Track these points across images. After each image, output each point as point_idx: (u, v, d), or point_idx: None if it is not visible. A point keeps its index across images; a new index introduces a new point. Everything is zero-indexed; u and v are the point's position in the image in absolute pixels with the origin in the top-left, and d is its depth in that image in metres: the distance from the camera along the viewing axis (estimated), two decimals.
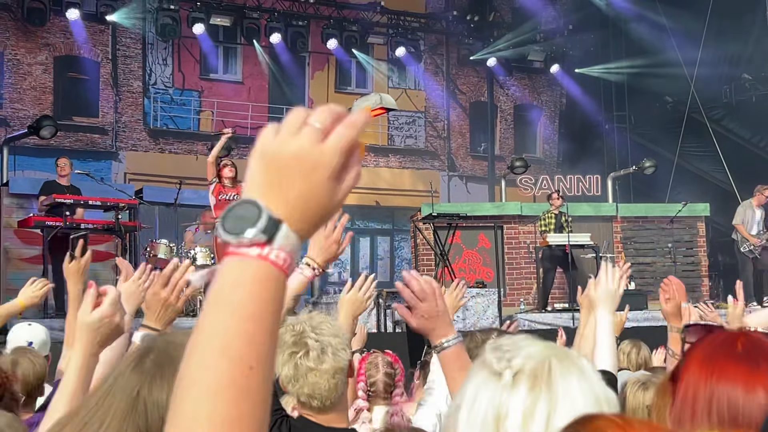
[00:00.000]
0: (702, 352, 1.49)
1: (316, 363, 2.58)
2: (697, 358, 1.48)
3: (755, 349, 1.45)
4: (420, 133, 22.03)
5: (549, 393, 1.26)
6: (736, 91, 18.06)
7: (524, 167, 17.05)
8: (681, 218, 15.18)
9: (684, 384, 1.47)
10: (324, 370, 2.58)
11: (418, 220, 14.39)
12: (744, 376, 1.42)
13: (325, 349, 2.59)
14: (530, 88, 22.77)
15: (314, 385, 2.59)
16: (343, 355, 2.62)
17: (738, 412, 1.41)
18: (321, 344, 2.60)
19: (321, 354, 2.59)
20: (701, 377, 1.44)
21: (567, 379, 1.28)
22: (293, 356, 2.60)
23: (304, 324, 2.64)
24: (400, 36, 20.39)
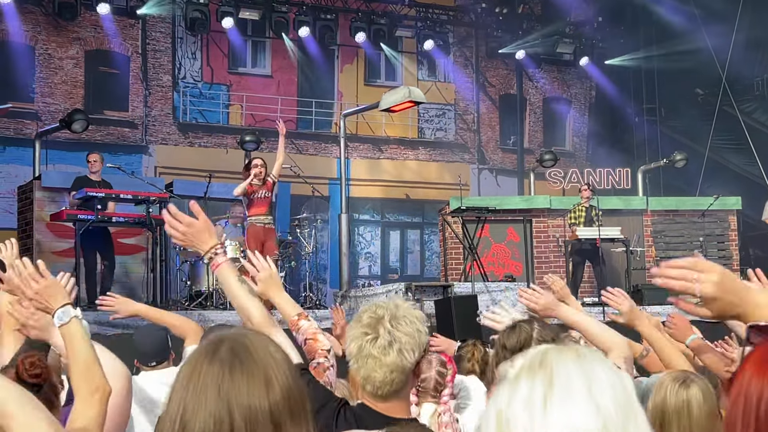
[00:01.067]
0: (758, 356, 1.47)
1: (379, 353, 2.59)
2: (753, 362, 1.46)
3: None
4: (450, 126, 22.00)
5: (544, 375, 1.33)
6: (767, 83, 17.87)
7: (553, 160, 16.98)
8: (712, 212, 15.04)
9: (737, 386, 1.45)
10: (384, 363, 2.58)
11: (446, 213, 14.39)
12: None
13: (393, 344, 2.58)
14: (559, 80, 22.65)
15: (371, 372, 2.60)
16: (408, 357, 2.59)
17: None
18: (391, 337, 2.58)
19: (387, 347, 2.58)
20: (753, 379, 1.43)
21: (562, 362, 1.35)
22: (362, 336, 2.61)
23: (386, 310, 2.63)
24: (429, 29, 20.34)
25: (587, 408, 1.30)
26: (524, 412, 1.32)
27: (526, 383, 1.34)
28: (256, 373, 1.56)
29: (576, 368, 1.35)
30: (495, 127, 22.37)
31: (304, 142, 20.42)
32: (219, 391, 1.53)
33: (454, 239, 14.34)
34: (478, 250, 13.40)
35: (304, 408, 1.60)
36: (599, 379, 1.34)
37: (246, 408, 1.53)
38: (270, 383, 1.55)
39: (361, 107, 17.45)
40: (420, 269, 21.30)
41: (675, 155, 16.78)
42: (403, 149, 21.42)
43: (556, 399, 1.31)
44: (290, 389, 1.58)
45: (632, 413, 1.33)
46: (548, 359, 1.37)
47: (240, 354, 1.57)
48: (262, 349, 1.60)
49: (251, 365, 1.56)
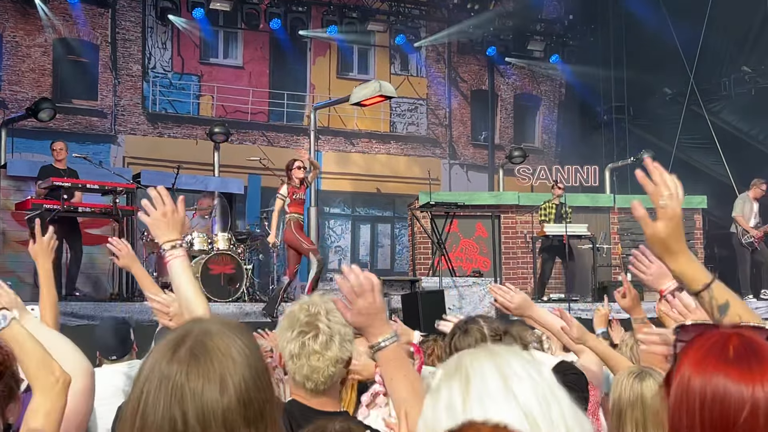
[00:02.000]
0: (694, 354, 1.48)
1: (321, 348, 2.62)
2: (689, 359, 1.47)
3: (747, 351, 1.45)
4: (422, 121, 22.01)
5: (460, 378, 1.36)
6: (735, 83, 18.03)
7: (522, 157, 17.07)
8: None
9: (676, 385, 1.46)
10: (327, 357, 2.63)
11: (415, 208, 14.41)
12: (736, 375, 1.41)
13: (334, 338, 2.64)
14: (530, 77, 22.75)
15: (314, 368, 2.63)
16: (348, 347, 2.67)
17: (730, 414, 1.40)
18: (331, 331, 2.63)
19: (329, 341, 2.63)
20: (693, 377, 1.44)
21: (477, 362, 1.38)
22: (301, 335, 2.64)
23: (319, 306, 2.67)
24: (401, 23, 20.36)
25: (506, 402, 1.33)
26: (447, 417, 1.34)
27: (445, 389, 1.37)
28: (212, 376, 1.53)
29: (490, 366, 1.37)
30: (466, 123, 22.42)
31: (276, 135, 20.36)
32: (174, 390, 1.52)
33: (422, 234, 14.37)
34: (447, 245, 13.43)
35: (263, 415, 1.57)
36: (515, 372, 1.36)
37: (200, 409, 1.51)
38: (225, 387, 1.53)
39: (331, 101, 17.44)
40: (390, 263, 21.32)
41: (642, 154, 16.88)
42: (375, 143, 21.41)
43: (474, 398, 1.34)
44: (247, 395, 1.54)
45: (555, 401, 1.35)
46: (463, 362, 1.39)
47: (200, 354, 1.56)
48: (224, 350, 1.57)
49: (208, 366, 1.54)
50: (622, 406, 3.04)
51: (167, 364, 1.56)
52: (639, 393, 3.05)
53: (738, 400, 1.40)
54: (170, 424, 1.51)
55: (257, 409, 1.56)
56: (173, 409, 1.51)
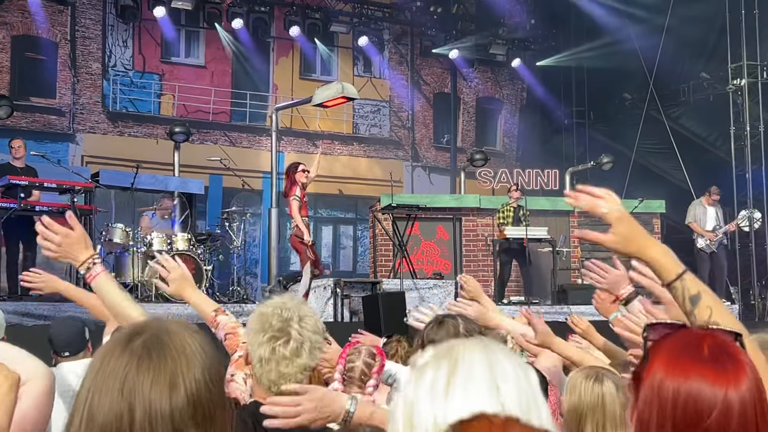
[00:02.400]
0: (667, 353, 1.48)
1: (292, 355, 2.62)
2: (662, 359, 1.48)
3: (721, 351, 1.46)
4: (385, 123, 22.02)
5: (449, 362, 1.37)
6: (694, 89, 18.26)
7: (484, 160, 17.14)
8: (637, 214, 15.10)
9: (648, 385, 1.47)
10: (297, 364, 2.63)
11: (377, 210, 14.41)
12: (711, 377, 1.42)
13: (304, 345, 2.63)
14: (492, 81, 22.86)
15: (282, 374, 2.62)
16: (317, 354, 2.67)
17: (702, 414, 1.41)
18: (302, 338, 2.63)
19: (299, 348, 2.62)
20: (666, 377, 1.45)
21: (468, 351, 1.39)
22: (272, 340, 2.62)
23: (292, 312, 2.66)
24: (364, 25, 20.36)
25: (488, 391, 1.34)
26: (428, 396, 1.35)
27: (431, 370, 1.38)
28: (163, 373, 1.49)
29: (481, 356, 1.38)
30: (429, 125, 22.47)
31: (238, 135, 20.25)
32: (123, 384, 1.48)
33: (384, 236, 14.38)
34: (408, 248, 13.43)
35: (213, 417, 1.52)
36: (503, 367, 1.37)
37: (146, 407, 1.47)
38: (175, 386, 1.49)
39: (293, 101, 17.38)
40: (352, 265, 21.29)
41: (602, 158, 17.08)
42: (338, 144, 21.37)
43: (459, 383, 1.35)
44: (198, 396, 1.50)
45: (536, 406, 1.36)
46: (456, 349, 1.40)
47: (152, 349, 1.51)
48: (179, 348, 1.53)
49: (160, 363, 1.50)
50: (582, 409, 3.04)
51: (119, 355, 1.52)
52: (600, 395, 3.05)
53: (711, 401, 1.41)
54: (117, 418, 1.47)
55: (207, 412, 1.52)
56: (121, 403, 1.48)
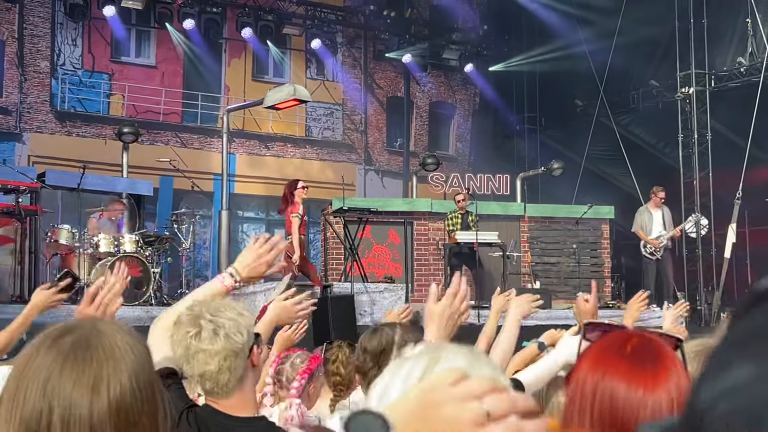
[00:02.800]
0: (594, 351, 1.52)
1: (206, 344, 2.51)
2: (588, 357, 1.51)
3: (644, 349, 1.48)
4: (338, 126, 21.99)
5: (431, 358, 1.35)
6: (643, 97, 18.48)
7: (436, 164, 17.19)
8: (586, 220, 15.48)
9: (573, 382, 1.49)
10: (214, 351, 2.51)
11: (328, 213, 14.37)
12: (628, 375, 1.44)
13: (218, 331, 2.51)
14: (446, 86, 22.96)
15: (204, 366, 2.52)
16: (238, 339, 2.52)
17: (619, 410, 1.43)
18: (214, 325, 2.52)
19: (213, 335, 2.51)
20: (588, 375, 1.47)
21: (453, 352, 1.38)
22: (186, 336, 2.54)
23: (203, 307, 2.57)
24: (317, 28, 20.32)
25: None
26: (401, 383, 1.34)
27: (412, 362, 1.37)
28: (87, 375, 1.44)
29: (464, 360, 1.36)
30: (382, 129, 22.49)
31: (189, 136, 20.09)
32: (47, 382, 1.44)
33: (335, 239, 14.35)
34: (359, 251, 13.40)
35: (137, 424, 1.47)
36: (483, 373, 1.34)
37: (66, 408, 1.42)
38: (98, 389, 1.44)
39: (245, 103, 17.27)
40: None
41: (552, 164, 17.22)
42: (290, 147, 21.30)
43: None
44: (122, 402, 1.45)
45: None
46: (442, 347, 1.39)
47: (79, 349, 1.46)
48: (108, 350, 1.47)
49: (85, 364, 1.44)
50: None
51: (46, 352, 1.47)
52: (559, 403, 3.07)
53: (626, 399, 1.43)
54: (37, 416, 1.42)
55: (131, 419, 1.46)
56: (42, 401, 1.43)
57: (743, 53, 16.65)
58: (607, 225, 15.99)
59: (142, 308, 10.97)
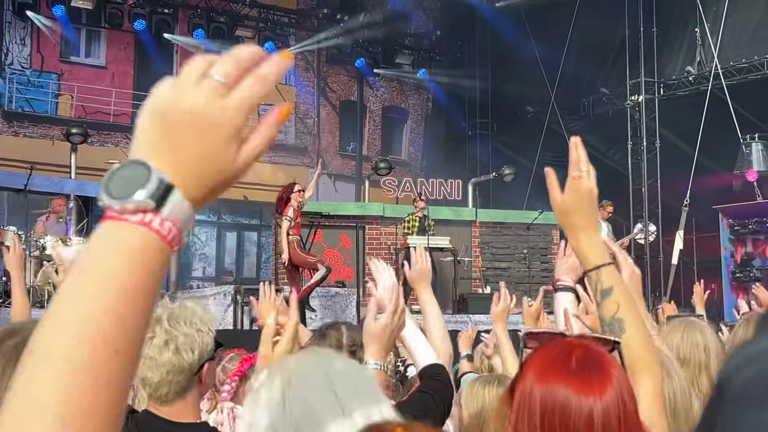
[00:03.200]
0: (538, 363, 1.51)
1: (153, 353, 2.44)
2: (533, 367, 1.51)
3: (589, 361, 1.49)
4: (290, 129, 21.93)
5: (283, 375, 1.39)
6: (594, 104, 18.68)
7: (388, 169, 17.21)
8: (537, 225, 15.59)
9: (520, 391, 1.49)
10: (160, 362, 2.45)
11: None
12: (576, 385, 1.45)
13: (169, 343, 2.45)
14: (398, 90, 23.00)
15: (147, 372, 2.46)
16: (186, 356, 2.46)
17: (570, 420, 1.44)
18: (168, 336, 2.45)
19: (163, 346, 2.44)
20: (535, 385, 1.47)
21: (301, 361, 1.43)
22: None
23: (164, 311, 2.48)
24: (269, 30, 20.23)
25: (325, 393, 1.35)
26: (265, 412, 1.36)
27: (266, 388, 1.38)
28: None
29: (314, 363, 1.40)
30: (335, 133, 22.46)
31: None
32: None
33: None
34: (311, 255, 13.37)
35: None
36: (337, 368, 1.39)
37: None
38: None
39: None
40: (256, 272, 21.11)
41: (504, 169, 17.34)
42: None
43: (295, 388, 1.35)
44: None
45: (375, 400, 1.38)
46: (288, 362, 1.42)
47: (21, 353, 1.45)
48: None
49: None
50: (485, 416, 3.04)
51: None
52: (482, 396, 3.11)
53: (577, 410, 1.44)
54: None
55: None
56: None
57: (692, 62, 16.91)
58: (557, 231, 16.11)
59: None
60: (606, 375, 1.48)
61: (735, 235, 13.79)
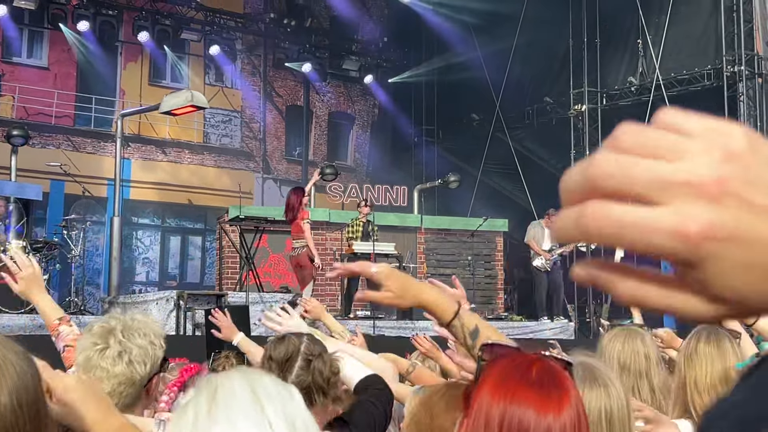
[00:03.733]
0: (497, 376, 1.51)
1: (108, 364, 2.46)
2: (492, 381, 1.50)
3: (548, 376, 1.50)
4: (236, 133, 21.78)
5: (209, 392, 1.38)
6: (537, 113, 18.87)
7: (334, 174, 17.17)
8: (481, 232, 15.70)
9: (477, 405, 1.48)
10: (113, 374, 2.46)
11: (224, 222, 14.21)
12: (536, 403, 1.45)
13: (122, 355, 2.47)
14: (345, 96, 23.01)
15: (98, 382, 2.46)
16: (139, 369, 2.48)
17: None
18: (122, 347, 2.47)
19: (117, 357, 2.46)
20: (494, 400, 1.47)
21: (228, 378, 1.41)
22: (92, 347, 2.48)
23: (118, 322, 2.51)
24: (215, 34, 20.09)
25: (253, 414, 1.34)
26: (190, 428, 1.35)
27: (192, 405, 1.37)
28: None
29: (241, 381, 1.39)
30: (281, 138, 22.38)
31: (82, 140, 19.59)
32: None
33: (231, 248, 14.19)
34: (256, 260, 13.31)
35: None
36: (266, 388, 1.38)
37: None
38: None
39: (140, 108, 16.97)
40: (200, 277, 20.93)
41: (449, 176, 17.42)
42: (187, 153, 20.99)
43: (221, 409, 1.34)
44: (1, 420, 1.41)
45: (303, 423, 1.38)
46: (214, 379, 1.41)
47: None
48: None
49: None
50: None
51: None
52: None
53: (536, 425, 1.44)
54: None
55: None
56: None
57: (634, 73, 17.16)
58: (501, 238, 16.26)
59: (28, 316, 10.63)
60: (564, 392, 1.49)
61: None
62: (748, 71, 15.32)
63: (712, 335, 3.28)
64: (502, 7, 18.36)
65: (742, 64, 15.27)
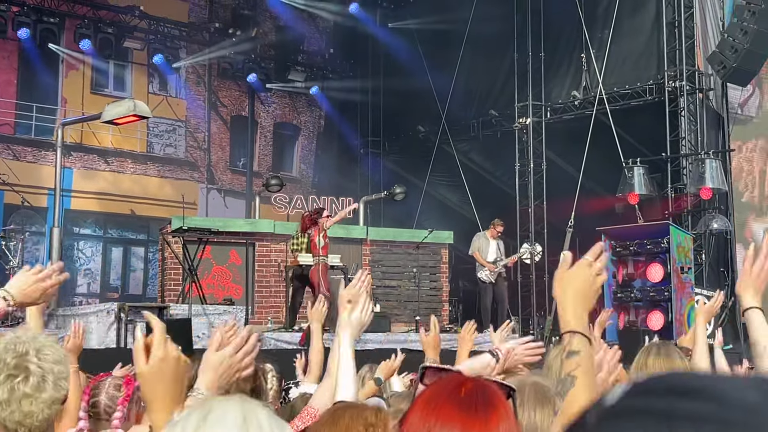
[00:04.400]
0: (427, 396, 1.52)
1: (34, 391, 2.41)
2: (422, 401, 1.51)
3: (476, 395, 1.49)
4: (180, 143, 21.58)
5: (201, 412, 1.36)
6: (483, 126, 19.02)
7: (279, 185, 17.10)
8: (426, 244, 15.77)
9: (407, 425, 1.49)
10: (42, 399, 2.41)
11: (167, 232, 14.05)
12: (462, 420, 1.45)
13: (46, 378, 2.42)
14: (290, 107, 22.95)
15: (28, 413, 2.41)
16: (63, 385, 2.46)
17: None
18: (43, 371, 2.42)
19: (41, 382, 2.42)
20: (422, 419, 1.47)
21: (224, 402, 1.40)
22: (10, 379, 2.40)
23: (27, 345, 2.44)
24: (159, 42, 19.91)
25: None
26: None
27: (181, 424, 1.36)
28: None
29: (235, 408, 1.36)
30: (225, 148, 22.22)
31: (22, 149, 19.24)
32: None
33: (173, 259, 14.04)
34: (199, 272, 13.17)
35: None
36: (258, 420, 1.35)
37: None
38: None
39: (82, 117, 16.74)
40: (143, 288, 20.66)
41: (395, 188, 17.45)
42: (131, 163, 20.72)
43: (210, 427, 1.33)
44: None
45: None
46: (210, 401, 1.40)
47: None
48: None
49: None
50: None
51: None
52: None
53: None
54: None
55: None
56: None
57: (578, 87, 17.40)
58: (446, 249, 16.34)
59: None
60: (493, 411, 1.48)
61: (617, 257, 14.20)
62: (689, 86, 15.62)
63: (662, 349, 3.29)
64: (448, 20, 18.50)
65: (683, 79, 15.56)
